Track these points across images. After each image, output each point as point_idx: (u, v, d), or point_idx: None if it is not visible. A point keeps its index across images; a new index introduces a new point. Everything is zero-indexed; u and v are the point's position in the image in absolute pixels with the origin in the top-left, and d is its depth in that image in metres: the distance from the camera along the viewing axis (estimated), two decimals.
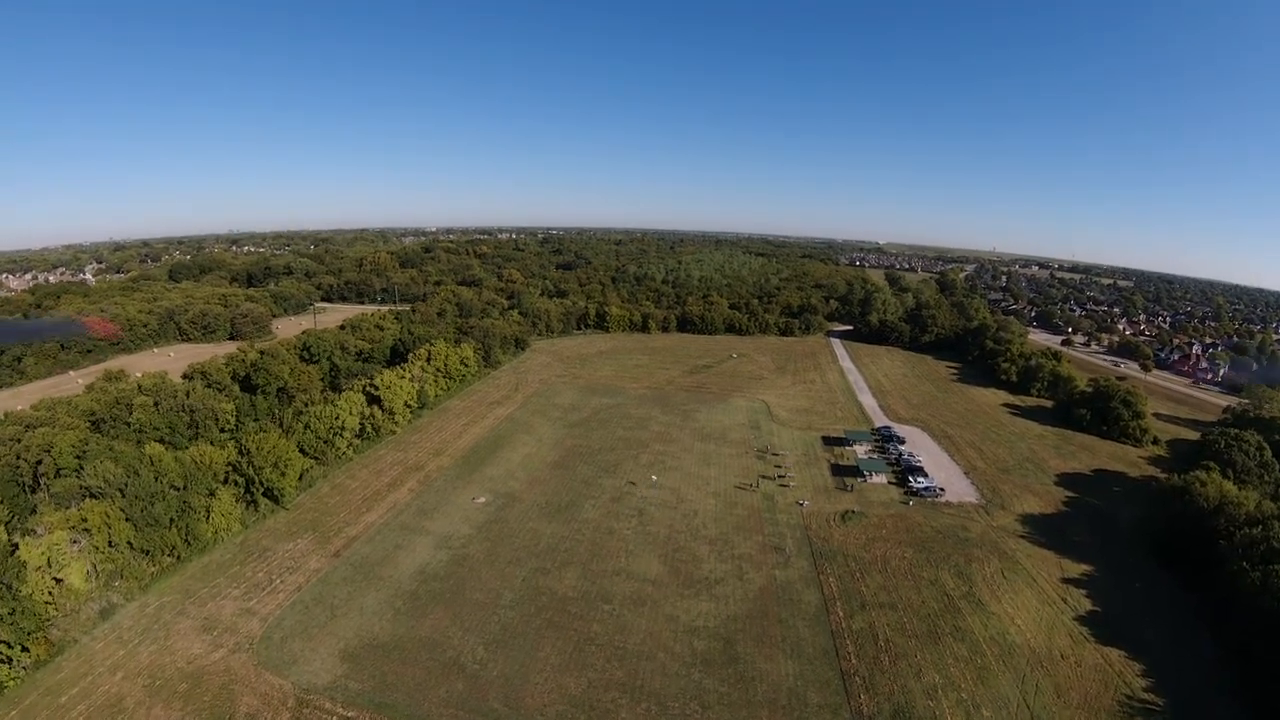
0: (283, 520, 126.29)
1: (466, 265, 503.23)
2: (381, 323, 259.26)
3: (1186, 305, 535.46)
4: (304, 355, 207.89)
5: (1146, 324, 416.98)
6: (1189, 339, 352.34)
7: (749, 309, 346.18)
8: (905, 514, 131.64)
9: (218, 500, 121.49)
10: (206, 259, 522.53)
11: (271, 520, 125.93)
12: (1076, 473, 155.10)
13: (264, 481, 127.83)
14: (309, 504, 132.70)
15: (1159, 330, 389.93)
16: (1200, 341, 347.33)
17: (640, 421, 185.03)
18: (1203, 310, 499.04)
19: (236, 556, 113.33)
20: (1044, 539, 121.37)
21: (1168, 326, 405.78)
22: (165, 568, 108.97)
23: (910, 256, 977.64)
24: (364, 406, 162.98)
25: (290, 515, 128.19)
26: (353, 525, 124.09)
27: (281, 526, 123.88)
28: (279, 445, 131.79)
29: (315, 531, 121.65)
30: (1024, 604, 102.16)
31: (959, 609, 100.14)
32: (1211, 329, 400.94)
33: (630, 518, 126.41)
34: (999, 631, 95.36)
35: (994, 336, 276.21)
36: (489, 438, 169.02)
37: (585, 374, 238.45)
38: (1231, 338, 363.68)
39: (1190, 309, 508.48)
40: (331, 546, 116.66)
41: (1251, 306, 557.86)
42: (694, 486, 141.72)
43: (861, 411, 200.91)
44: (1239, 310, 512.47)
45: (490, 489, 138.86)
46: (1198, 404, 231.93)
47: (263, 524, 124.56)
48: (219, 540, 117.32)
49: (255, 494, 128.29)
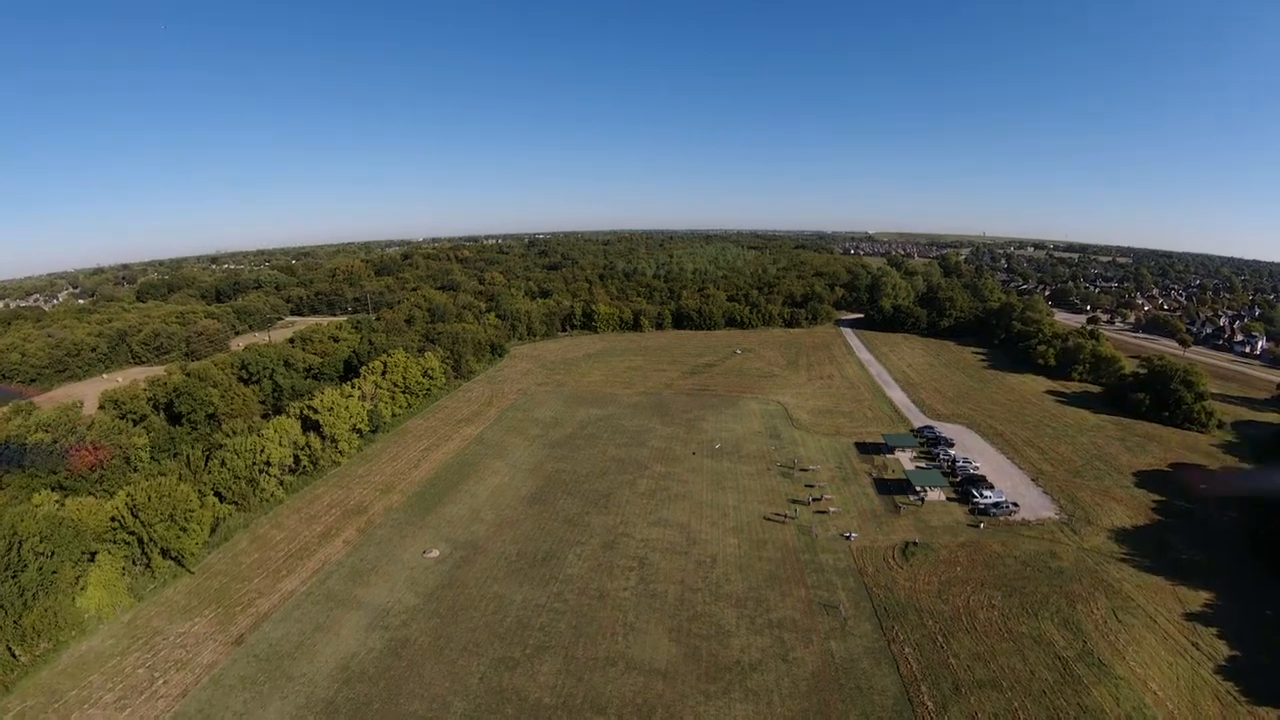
0: (184, 588, 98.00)
1: (446, 270, 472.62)
2: (337, 333, 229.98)
3: (1195, 279, 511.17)
4: (242, 375, 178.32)
5: (1164, 299, 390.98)
6: (1214, 312, 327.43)
7: (749, 300, 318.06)
8: (978, 540, 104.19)
9: (97, 568, 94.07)
10: (177, 277, 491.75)
11: (171, 589, 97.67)
12: (1153, 470, 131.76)
13: (159, 540, 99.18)
14: (220, 565, 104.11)
15: (1178, 305, 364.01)
16: (1224, 314, 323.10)
17: (636, 436, 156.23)
18: (1214, 283, 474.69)
19: (120, 642, 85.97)
20: (1147, 561, 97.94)
21: (1184, 301, 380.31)
22: (35, 659, 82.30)
23: (903, 243, 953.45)
24: (299, 434, 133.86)
25: (195, 581, 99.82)
26: (267, 595, 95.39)
27: (181, 597, 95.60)
28: (177, 493, 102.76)
29: (220, 605, 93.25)
30: (1152, 658, 77.75)
31: (1078, 677, 74.30)
32: (1227, 300, 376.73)
33: (628, 572, 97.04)
34: (1135, 705, 70.91)
35: (1021, 317, 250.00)
36: (452, 465, 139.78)
37: (571, 380, 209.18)
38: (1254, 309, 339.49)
39: (1200, 282, 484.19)
40: (236, 628, 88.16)
41: (1256, 277, 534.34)
42: (708, 521, 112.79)
43: (894, 410, 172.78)
44: (1246, 281, 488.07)
45: (447, 536, 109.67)
46: (1246, 380, 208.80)
47: (160, 594, 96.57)
48: (101, 619, 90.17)
49: (151, 554, 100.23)
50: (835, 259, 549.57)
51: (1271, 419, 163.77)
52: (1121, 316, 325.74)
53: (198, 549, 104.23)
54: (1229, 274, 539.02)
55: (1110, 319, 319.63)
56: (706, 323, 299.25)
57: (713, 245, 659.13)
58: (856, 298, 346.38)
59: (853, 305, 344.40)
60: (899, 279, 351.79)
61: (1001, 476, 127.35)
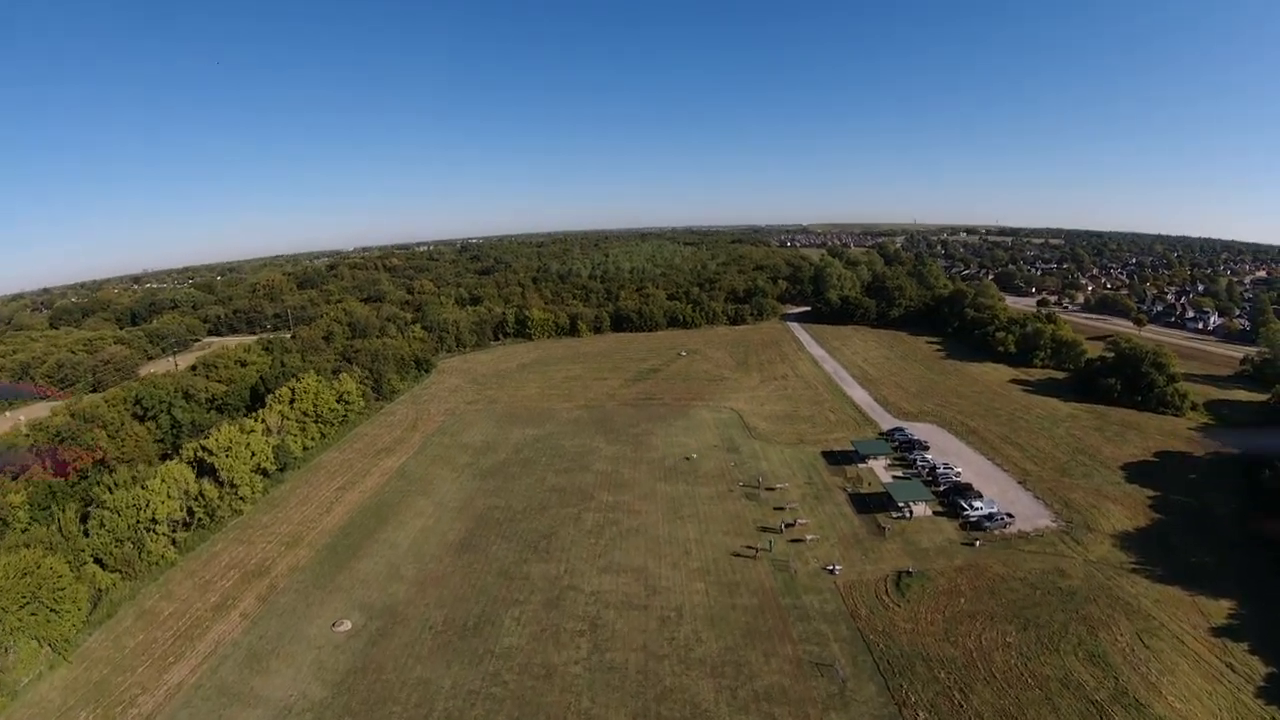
0: (60, 682, 77.91)
1: (373, 280, 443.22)
2: (245, 356, 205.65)
3: (1131, 257, 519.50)
4: (136, 411, 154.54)
5: (1106, 278, 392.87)
6: (1159, 290, 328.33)
7: (691, 298, 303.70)
8: (976, 562, 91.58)
9: None
10: (93, 300, 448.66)
11: (46, 684, 77.42)
12: (1139, 461, 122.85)
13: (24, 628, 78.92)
14: (101, 650, 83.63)
15: (1122, 283, 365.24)
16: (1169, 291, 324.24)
17: (578, 458, 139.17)
18: (1150, 260, 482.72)
19: None
20: (1159, 569, 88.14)
21: (1126, 279, 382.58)
22: None
23: (838, 233, 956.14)
24: (191, 482, 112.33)
25: (72, 674, 79.31)
26: (151, 692, 75.60)
27: (57, 695, 75.76)
28: (43, 568, 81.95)
29: (99, 705, 73.46)
30: (1189, 688, 67.23)
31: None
32: (1167, 277, 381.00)
33: (577, 638, 79.76)
34: None
35: (974, 304, 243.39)
36: (369, 508, 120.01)
37: (504, 395, 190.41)
38: (1196, 284, 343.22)
39: (1137, 260, 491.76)
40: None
41: (1189, 252, 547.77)
42: (668, 562, 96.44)
43: (858, 411, 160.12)
44: (1181, 257, 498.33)
45: (361, 602, 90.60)
46: (1206, 357, 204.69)
47: (35, 690, 76.53)
48: None
49: (19, 643, 78.92)
50: (774, 252, 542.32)
51: (1240, 396, 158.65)
52: (1069, 298, 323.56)
53: (74, 633, 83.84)
54: (1163, 250, 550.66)
55: (1058, 301, 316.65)
56: (647, 324, 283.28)
57: (649, 243, 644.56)
58: (800, 290, 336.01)
59: (797, 298, 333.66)
60: (843, 269, 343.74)
61: (987, 481, 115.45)
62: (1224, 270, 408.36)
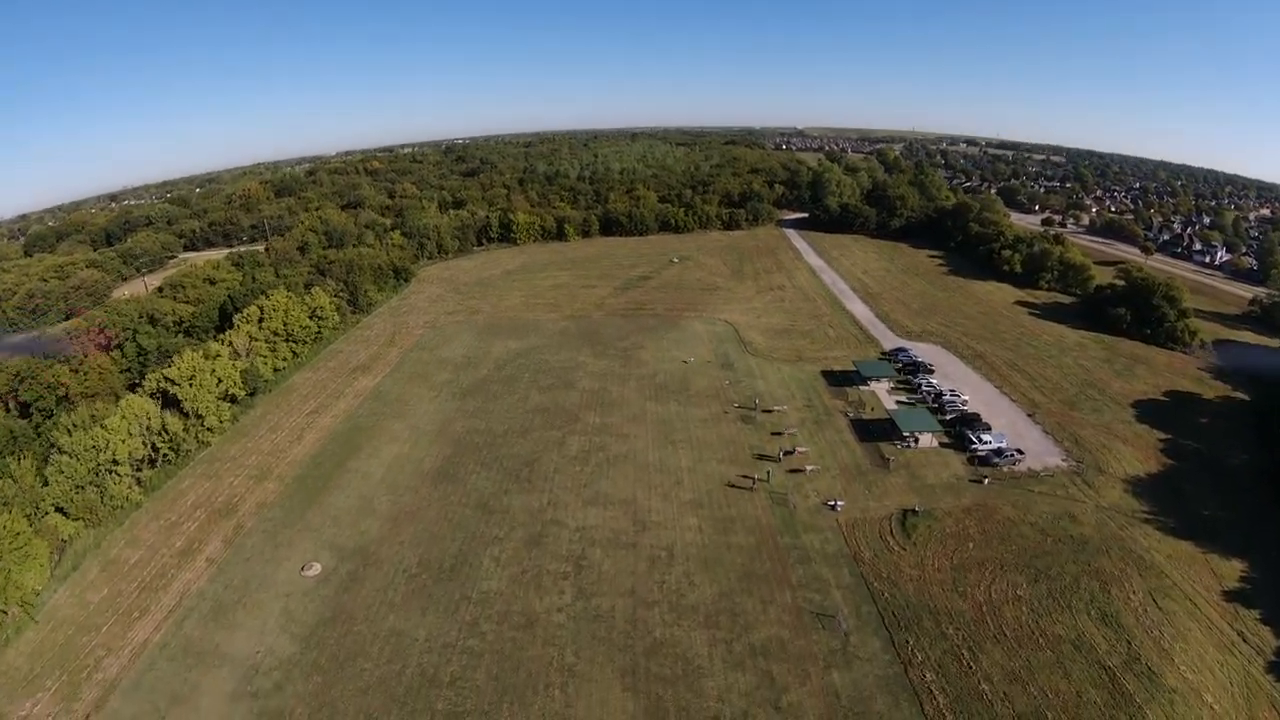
0: (28, 646, 71.87)
1: (353, 185, 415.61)
2: (214, 273, 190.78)
3: (1135, 181, 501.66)
4: (100, 341, 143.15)
5: (1111, 201, 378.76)
6: (1164, 218, 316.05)
7: (683, 201, 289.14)
8: (985, 502, 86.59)
9: None
10: (67, 223, 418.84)
11: (14, 649, 71.31)
12: (1149, 399, 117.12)
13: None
14: (67, 608, 77.17)
15: (1126, 208, 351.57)
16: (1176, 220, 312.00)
17: (563, 374, 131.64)
18: (1154, 186, 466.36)
19: None
20: (1171, 521, 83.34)
21: (1130, 204, 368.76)
22: None
23: (834, 138, 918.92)
24: (154, 416, 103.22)
25: (39, 635, 73.13)
26: (116, 653, 69.86)
27: (24, 661, 69.80)
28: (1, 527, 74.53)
29: (64, 670, 67.91)
30: (1201, 658, 63.73)
31: (1130, 696, 59.51)
32: (1171, 205, 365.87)
33: (561, 580, 74.39)
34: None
35: (979, 218, 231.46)
36: (341, 434, 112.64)
37: (486, 306, 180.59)
38: (1202, 216, 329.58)
39: (1140, 184, 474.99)
40: (82, 705, 63.84)
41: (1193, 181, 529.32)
42: (659, 493, 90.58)
43: (858, 327, 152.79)
44: (1184, 186, 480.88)
45: (332, 542, 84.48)
46: (1214, 293, 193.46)
47: (2, 656, 70.44)
48: None
49: None
50: (770, 155, 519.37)
51: (1248, 338, 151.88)
52: (1074, 218, 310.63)
53: (38, 589, 77.45)
54: (1166, 178, 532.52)
55: (1062, 221, 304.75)
56: (638, 227, 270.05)
57: (640, 143, 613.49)
58: (798, 196, 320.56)
59: (794, 204, 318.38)
60: (842, 175, 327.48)
61: (994, 412, 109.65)
62: (1228, 204, 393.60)
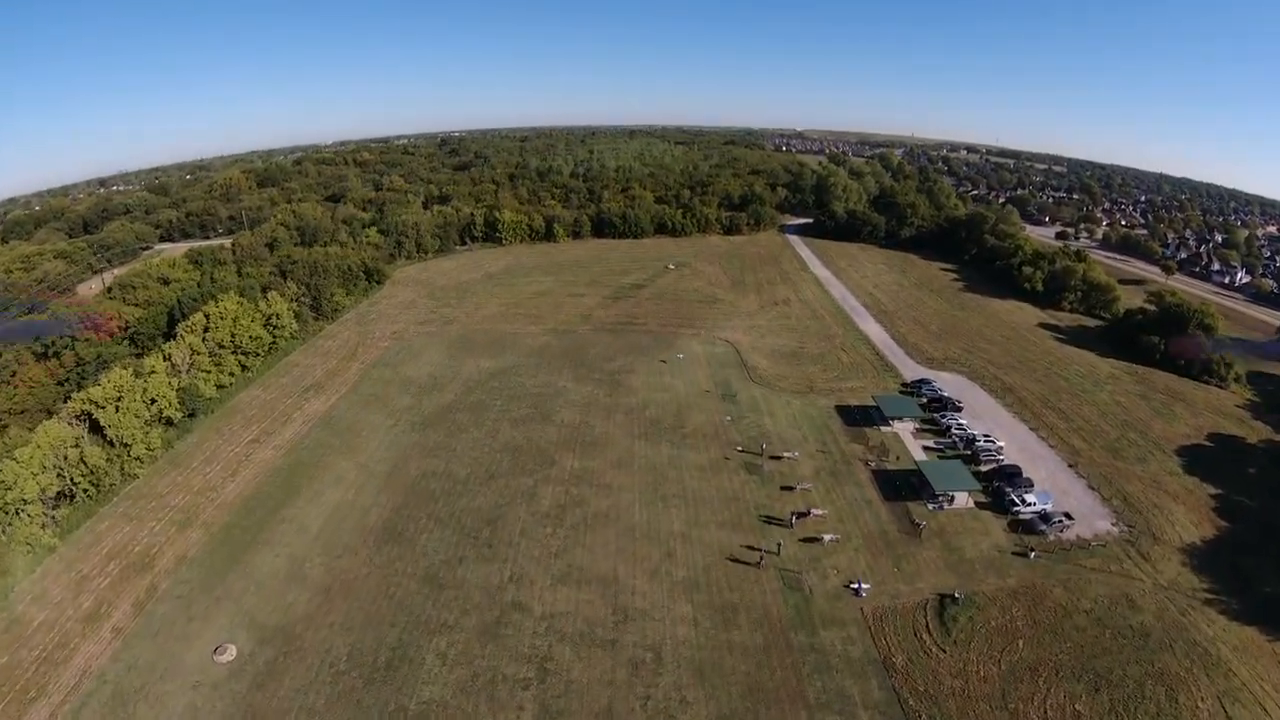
0: None
1: (340, 176, 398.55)
2: (170, 273, 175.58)
3: (1140, 194, 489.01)
4: (36, 348, 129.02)
5: (1121, 214, 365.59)
6: (1178, 235, 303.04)
7: (681, 202, 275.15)
8: (1034, 584, 73.45)
9: None
10: (45, 210, 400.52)
11: None
12: (1193, 445, 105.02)
13: None
14: None
15: (1137, 222, 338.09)
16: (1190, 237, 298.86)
17: (540, 402, 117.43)
18: (1160, 199, 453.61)
19: None
20: (1234, 602, 71.34)
21: (1139, 218, 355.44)
22: None
23: (834, 141, 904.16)
24: (70, 446, 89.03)
25: None
26: None
27: None
28: None
29: None
30: None
31: None
32: (1181, 220, 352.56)
33: (519, 694, 59.68)
34: None
35: (994, 231, 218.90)
36: (281, 471, 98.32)
37: (462, 315, 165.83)
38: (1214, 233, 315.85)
39: (1147, 198, 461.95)
40: None
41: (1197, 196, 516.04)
42: (645, 569, 76.38)
43: (874, 351, 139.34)
44: (1189, 201, 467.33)
45: (251, 617, 70.46)
46: (1238, 318, 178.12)
47: None
48: None
49: None
50: (771, 156, 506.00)
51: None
52: (1088, 231, 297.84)
53: None
54: (1171, 191, 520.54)
55: (1076, 234, 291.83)
56: (632, 229, 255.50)
57: (637, 140, 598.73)
58: (801, 200, 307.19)
59: (796, 208, 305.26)
60: (847, 179, 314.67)
61: (1032, 460, 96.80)
62: (1235, 220, 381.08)
